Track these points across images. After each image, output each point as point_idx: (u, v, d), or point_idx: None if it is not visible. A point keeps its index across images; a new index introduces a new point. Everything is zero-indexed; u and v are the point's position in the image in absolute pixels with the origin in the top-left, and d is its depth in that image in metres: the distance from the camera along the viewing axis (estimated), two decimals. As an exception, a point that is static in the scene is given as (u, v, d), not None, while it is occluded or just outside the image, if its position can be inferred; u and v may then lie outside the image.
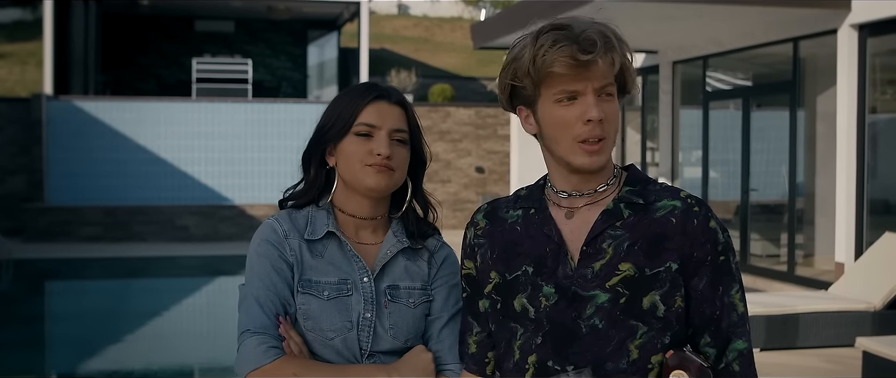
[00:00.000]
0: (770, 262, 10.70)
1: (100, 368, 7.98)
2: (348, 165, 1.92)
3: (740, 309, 1.73)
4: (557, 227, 1.77)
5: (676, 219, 1.72)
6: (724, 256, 1.72)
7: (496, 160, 18.48)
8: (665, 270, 1.70)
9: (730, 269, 1.73)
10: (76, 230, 15.97)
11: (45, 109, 16.34)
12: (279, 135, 17.24)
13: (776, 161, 10.68)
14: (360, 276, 1.91)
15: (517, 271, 1.78)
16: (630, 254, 1.70)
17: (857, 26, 8.88)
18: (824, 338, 7.03)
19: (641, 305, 1.69)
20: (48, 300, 12.26)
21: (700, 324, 1.72)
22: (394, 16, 32.27)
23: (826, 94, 9.96)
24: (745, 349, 1.72)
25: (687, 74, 12.35)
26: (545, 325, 1.73)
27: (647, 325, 1.69)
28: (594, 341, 1.70)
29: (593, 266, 1.71)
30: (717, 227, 1.73)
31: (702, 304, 1.71)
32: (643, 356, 1.69)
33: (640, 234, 1.72)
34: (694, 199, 1.76)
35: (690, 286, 1.71)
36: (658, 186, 1.79)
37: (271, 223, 1.93)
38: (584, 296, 1.71)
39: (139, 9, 20.47)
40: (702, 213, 1.73)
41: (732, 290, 1.72)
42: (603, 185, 1.77)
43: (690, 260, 1.70)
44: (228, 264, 13.98)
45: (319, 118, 1.98)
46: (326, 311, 1.85)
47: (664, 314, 1.69)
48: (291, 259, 1.88)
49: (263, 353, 1.78)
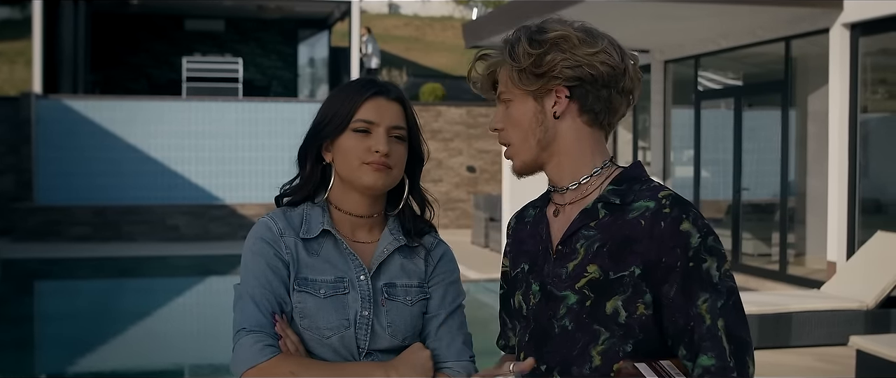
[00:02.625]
0: (762, 262, 10.70)
1: (89, 369, 7.93)
2: (346, 162, 1.88)
3: (708, 321, 1.58)
4: (548, 226, 1.77)
5: (646, 221, 1.64)
6: (694, 262, 1.60)
7: (487, 160, 18.46)
8: (628, 275, 1.63)
9: (700, 277, 1.60)
10: (66, 230, 15.89)
11: (34, 108, 16.25)
12: (270, 134, 17.19)
13: (768, 160, 10.69)
14: (357, 275, 1.88)
15: (518, 269, 1.80)
16: (598, 255, 1.66)
17: (849, 25, 8.88)
18: (817, 337, 7.04)
19: (605, 310, 1.65)
20: (37, 300, 12.20)
21: (674, 334, 1.62)
22: (385, 15, 32.25)
23: (818, 94, 9.96)
24: (712, 366, 1.57)
25: (679, 74, 12.35)
26: (531, 322, 1.74)
27: (609, 331, 1.64)
28: (563, 343, 1.69)
29: (567, 266, 1.69)
30: (690, 229, 1.61)
31: (674, 313, 1.61)
32: (605, 363, 1.64)
33: (610, 235, 1.66)
34: (671, 199, 1.65)
35: (661, 293, 1.62)
36: (645, 186, 1.70)
37: (266, 221, 1.90)
38: (558, 295, 1.70)
39: (129, 8, 20.40)
40: (672, 215, 1.62)
41: (699, 299, 1.59)
42: (585, 177, 1.73)
43: (658, 265, 1.61)
44: (219, 264, 13.93)
45: (316, 113, 1.95)
46: (323, 310, 1.83)
47: (625, 321, 1.64)
48: (287, 257, 1.85)
49: (259, 351, 1.76)
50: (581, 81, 1.69)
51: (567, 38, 1.69)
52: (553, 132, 1.73)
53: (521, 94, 1.72)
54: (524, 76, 1.70)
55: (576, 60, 1.68)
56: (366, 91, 1.90)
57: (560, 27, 1.71)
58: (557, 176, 1.76)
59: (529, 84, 1.70)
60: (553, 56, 1.68)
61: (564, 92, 1.70)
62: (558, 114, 1.71)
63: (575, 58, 1.68)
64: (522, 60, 1.69)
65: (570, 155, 1.74)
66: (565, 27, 1.71)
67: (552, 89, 1.70)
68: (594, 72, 1.69)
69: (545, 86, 1.70)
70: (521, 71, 1.70)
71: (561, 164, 1.75)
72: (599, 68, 1.69)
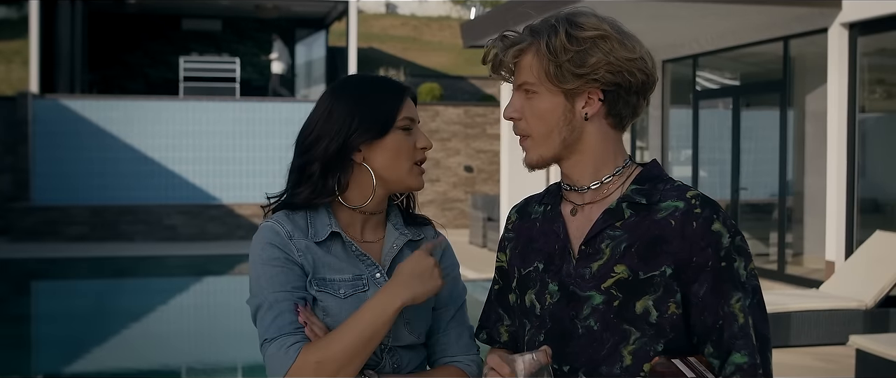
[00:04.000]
0: (760, 261, 10.70)
1: (86, 369, 7.91)
2: (395, 163, 1.85)
3: (741, 320, 1.60)
4: (565, 225, 1.74)
5: (676, 221, 1.63)
6: (726, 262, 1.61)
7: (485, 159, 18.45)
8: (659, 275, 1.62)
9: (732, 276, 1.61)
10: (63, 230, 15.85)
11: (31, 108, 16.22)
12: (267, 134, 17.17)
13: (766, 160, 10.69)
14: (372, 272, 1.86)
15: (530, 267, 1.77)
16: (626, 255, 1.65)
17: (848, 25, 8.88)
18: (816, 336, 7.03)
19: (634, 310, 1.64)
20: (34, 300, 12.17)
21: (702, 332, 1.63)
22: (382, 15, 32.23)
23: (816, 93, 9.96)
24: (745, 363, 1.58)
25: (677, 73, 12.35)
26: (547, 322, 1.72)
27: (639, 331, 1.64)
28: (589, 343, 1.67)
29: (591, 266, 1.67)
30: (722, 229, 1.62)
31: (703, 312, 1.62)
32: (636, 362, 1.64)
33: (638, 235, 1.65)
34: (700, 199, 1.65)
35: (691, 292, 1.62)
36: (669, 185, 1.69)
37: (272, 225, 1.84)
38: (581, 296, 1.68)
39: (126, 7, 20.36)
40: (704, 215, 1.62)
41: (732, 298, 1.61)
42: (608, 176, 1.71)
43: (689, 265, 1.62)
44: (216, 264, 13.91)
45: (329, 120, 1.85)
46: (345, 309, 1.80)
47: (657, 320, 1.63)
48: (300, 259, 1.81)
49: (284, 354, 1.72)
50: (618, 87, 1.67)
51: (607, 39, 1.65)
52: (579, 132, 1.70)
53: (551, 90, 1.68)
54: (561, 73, 1.65)
55: (618, 66, 1.65)
56: (401, 90, 1.91)
57: (597, 24, 1.67)
58: (578, 175, 1.73)
59: (566, 82, 1.66)
60: (596, 58, 1.64)
61: (599, 95, 1.67)
62: (589, 116, 1.68)
63: (617, 63, 1.65)
64: (561, 55, 1.65)
65: (593, 154, 1.71)
66: (602, 24, 1.67)
67: (585, 91, 1.67)
68: (633, 79, 1.67)
69: (581, 87, 1.66)
70: (558, 66, 1.65)
71: (582, 163, 1.72)
72: (637, 76, 1.67)
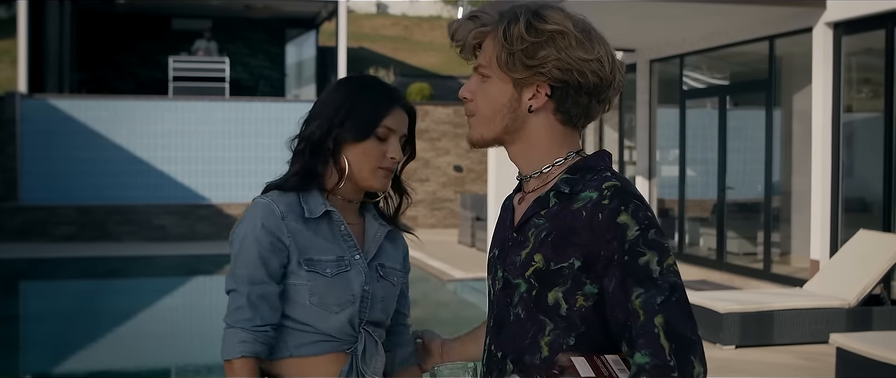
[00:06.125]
0: (746, 260, 10.74)
1: (75, 369, 7.91)
2: (362, 165, 2.01)
3: (642, 317, 1.51)
4: (513, 213, 1.77)
5: (587, 212, 1.60)
6: (630, 256, 1.55)
7: (475, 159, 18.47)
8: (567, 266, 1.60)
9: (636, 271, 1.54)
10: (51, 230, 15.83)
11: (18, 107, 16.18)
12: (257, 134, 17.16)
13: (753, 160, 10.73)
14: (352, 254, 2.02)
15: (491, 254, 1.81)
16: (543, 245, 1.63)
17: (833, 24, 8.92)
18: (799, 334, 7.07)
19: (547, 301, 1.63)
20: (22, 300, 12.14)
21: (617, 330, 1.58)
22: (372, 15, 32.23)
23: (802, 93, 10.01)
24: (647, 364, 1.49)
25: (664, 73, 12.38)
26: (494, 307, 1.75)
27: (552, 322, 1.62)
28: (517, 331, 1.67)
29: (521, 254, 1.67)
30: (628, 221, 1.56)
31: (614, 308, 1.57)
32: (552, 354, 1.62)
33: (556, 225, 1.63)
34: (611, 190, 1.60)
35: (603, 287, 1.59)
36: (596, 176, 1.65)
37: (268, 204, 1.97)
38: (512, 283, 1.69)
39: (115, 7, 20.32)
40: (610, 207, 1.57)
41: (633, 294, 1.54)
42: (548, 166, 1.70)
43: (599, 258, 1.58)
44: (205, 264, 13.90)
45: (325, 106, 2.03)
46: (333, 288, 1.97)
47: (567, 313, 1.61)
48: (287, 241, 1.95)
49: (231, 346, 1.93)
50: (566, 84, 1.65)
51: (565, 36, 1.63)
52: (522, 122, 1.70)
53: (501, 76, 1.68)
54: (512, 61, 1.65)
55: (568, 63, 1.63)
56: (393, 101, 2.04)
57: (561, 19, 1.64)
58: (522, 162, 1.74)
59: (515, 71, 1.65)
60: (547, 52, 1.63)
61: (546, 90, 1.67)
62: (533, 108, 1.68)
63: (568, 60, 1.63)
64: (515, 44, 1.64)
65: (537, 145, 1.71)
66: (566, 21, 1.64)
67: (534, 83, 1.66)
68: (582, 79, 1.65)
69: (529, 78, 1.66)
70: (510, 54, 1.65)
71: (525, 151, 1.72)
72: (589, 77, 1.65)
